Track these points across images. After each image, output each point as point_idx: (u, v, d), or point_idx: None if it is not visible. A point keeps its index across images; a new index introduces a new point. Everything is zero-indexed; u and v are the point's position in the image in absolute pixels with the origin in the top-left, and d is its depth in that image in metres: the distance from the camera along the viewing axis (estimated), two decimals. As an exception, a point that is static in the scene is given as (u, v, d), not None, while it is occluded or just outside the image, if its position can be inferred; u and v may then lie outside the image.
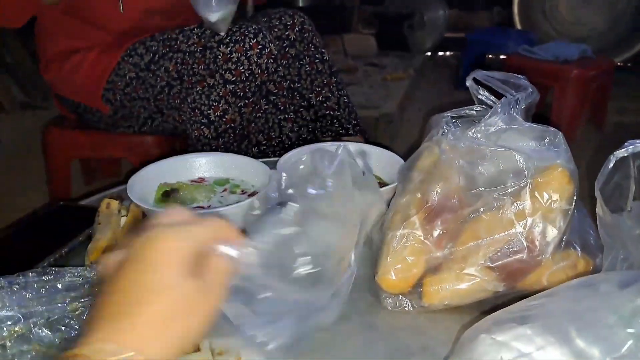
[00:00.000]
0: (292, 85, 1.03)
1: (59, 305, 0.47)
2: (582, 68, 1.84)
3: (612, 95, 2.14)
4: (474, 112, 0.65)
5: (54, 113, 2.19)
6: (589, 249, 0.51)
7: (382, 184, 0.77)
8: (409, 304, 0.53)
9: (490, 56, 2.81)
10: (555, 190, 0.50)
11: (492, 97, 0.62)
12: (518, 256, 0.49)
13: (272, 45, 0.91)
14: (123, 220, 0.64)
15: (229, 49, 0.89)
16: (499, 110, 0.53)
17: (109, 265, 0.31)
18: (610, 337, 0.29)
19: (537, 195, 0.50)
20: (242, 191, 0.74)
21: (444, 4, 3.16)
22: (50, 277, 0.49)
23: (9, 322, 0.44)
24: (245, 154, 0.93)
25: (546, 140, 0.52)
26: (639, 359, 0.29)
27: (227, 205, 0.69)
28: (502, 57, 2.82)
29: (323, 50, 1.05)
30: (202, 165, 0.77)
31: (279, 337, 0.41)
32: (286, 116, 1.00)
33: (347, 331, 0.50)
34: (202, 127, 0.93)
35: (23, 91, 2.26)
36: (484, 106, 0.63)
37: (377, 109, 1.75)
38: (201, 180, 0.76)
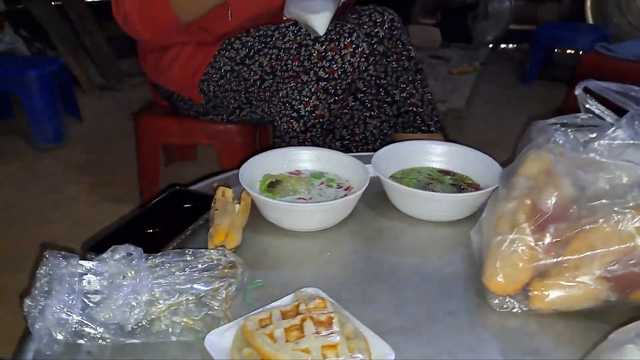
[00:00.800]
0: (377, 82, 1.06)
1: (203, 283, 0.53)
2: (666, 68, 1.74)
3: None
4: (579, 120, 0.64)
5: (129, 95, 2.33)
6: None
7: (475, 186, 0.78)
8: (517, 306, 0.55)
9: (557, 51, 2.70)
10: (680, 207, 0.50)
11: (602, 107, 0.62)
12: (636, 269, 0.50)
13: (364, 45, 0.93)
14: (237, 207, 0.69)
15: (324, 47, 0.92)
16: (624, 125, 0.53)
17: None
18: None
19: (660, 210, 0.50)
20: (338, 185, 0.78)
21: (510, -6, 3.04)
22: (190, 257, 0.55)
23: (166, 297, 0.50)
24: (329, 147, 0.96)
25: (672, 157, 0.52)
26: None
27: (326, 198, 0.73)
28: (569, 51, 2.71)
29: (410, 47, 1.06)
30: (299, 158, 0.82)
31: None
32: (372, 113, 1.02)
33: (456, 327, 0.53)
34: (291, 120, 0.97)
35: (101, 74, 2.39)
36: (589, 115, 0.63)
37: (445, 103, 1.74)
38: (298, 172, 0.81)
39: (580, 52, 2.26)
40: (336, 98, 0.95)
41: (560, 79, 2.35)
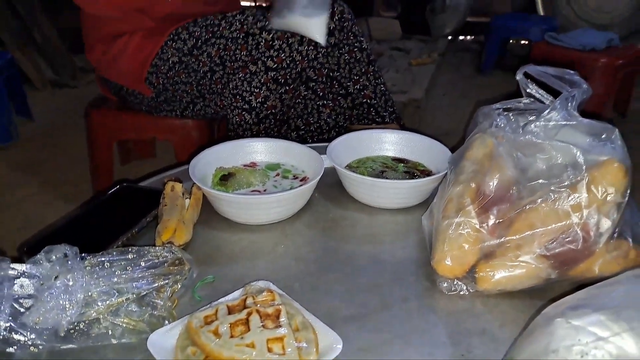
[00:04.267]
0: (330, 74, 1.05)
1: (145, 282, 0.51)
2: (609, 57, 1.83)
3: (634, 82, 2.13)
4: (522, 105, 0.66)
5: (84, 92, 2.23)
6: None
7: (427, 172, 0.79)
8: (464, 288, 0.56)
9: (512, 41, 2.79)
10: (611, 184, 0.52)
11: (541, 91, 0.64)
12: (573, 245, 0.52)
13: None
14: (187, 202, 0.67)
15: (271, 35, 0.90)
16: (558, 106, 0.55)
17: None
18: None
19: (593, 188, 0.52)
20: (294, 176, 0.77)
21: (467, -13, 3.12)
22: (133, 255, 0.53)
23: (104, 298, 0.48)
24: (285, 138, 0.95)
25: (603, 136, 0.54)
26: None
27: (282, 190, 0.72)
28: (523, 42, 2.80)
29: (362, 38, 1.05)
30: (254, 150, 0.80)
31: None
32: (325, 102, 1.01)
33: (407, 312, 0.54)
34: (243, 112, 0.95)
35: (52, 69, 2.28)
36: (531, 99, 0.65)
37: (405, 94, 1.76)
38: (253, 164, 0.80)
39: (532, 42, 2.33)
40: (287, 88, 0.93)
41: (515, 68, 2.42)
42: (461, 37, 3.21)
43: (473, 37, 3.19)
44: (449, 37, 3.10)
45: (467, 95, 2.21)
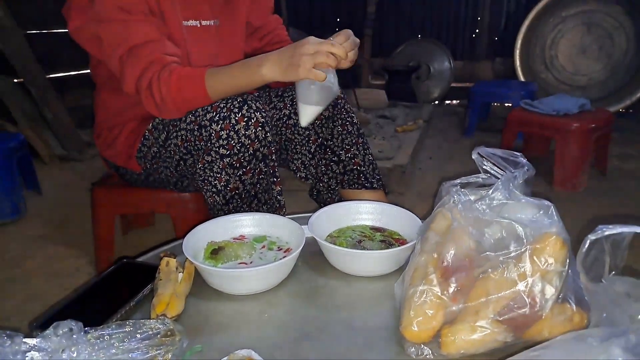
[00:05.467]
0: (325, 143, 1.17)
1: (140, 353, 0.57)
2: (582, 121, 1.96)
3: (614, 141, 2.25)
4: (480, 180, 0.75)
5: (89, 165, 2.36)
6: (582, 304, 0.60)
7: (402, 241, 0.87)
8: (430, 352, 0.62)
9: (495, 104, 2.98)
10: (551, 255, 0.59)
11: (495, 168, 0.73)
12: (522, 311, 0.58)
13: (258, 115, 0.95)
14: (180, 276, 0.74)
15: (219, 126, 0.95)
16: (501, 186, 0.64)
17: None
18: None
19: (535, 259, 0.59)
20: (279, 248, 0.84)
21: (450, 56, 3.37)
22: (130, 328, 0.59)
23: (104, 368, 0.54)
24: (257, 211, 1.01)
25: (541, 212, 0.62)
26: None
27: (266, 262, 0.80)
28: (507, 104, 2.99)
29: (353, 114, 1.19)
30: (243, 224, 0.89)
31: None
32: (275, 179, 1.04)
33: (378, 376, 0.59)
34: (213, 194, 1.01)
35: (61, 145, 2.43)
36: (488, 175, 0.74)
37: (390, 160, 1.87)
38: (242, 237, 0.87)
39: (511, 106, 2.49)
40: (244, 170, 0.98)
41: (498, 129, 2.58)
42: (447, 102, 3.41)
43: (458, 101, 3.39)
44: (436, 102, 3.30)
45: (451, 157, 2.33)
